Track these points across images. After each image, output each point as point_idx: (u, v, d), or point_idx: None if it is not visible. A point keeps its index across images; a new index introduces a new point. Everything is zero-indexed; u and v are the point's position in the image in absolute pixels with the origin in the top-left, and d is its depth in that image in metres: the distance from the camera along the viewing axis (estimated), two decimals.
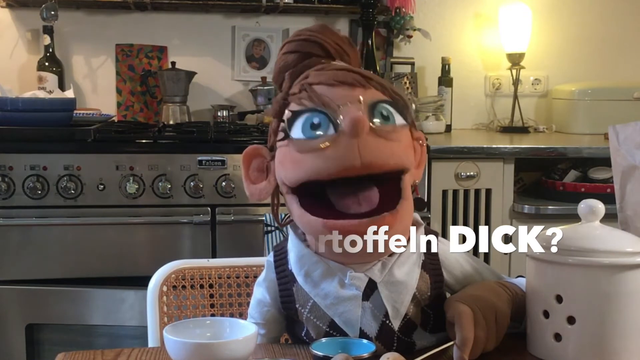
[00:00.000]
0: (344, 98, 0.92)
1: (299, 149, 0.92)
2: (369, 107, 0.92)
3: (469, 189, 2.44)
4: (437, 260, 1.02)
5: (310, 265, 0.98)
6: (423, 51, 3.00)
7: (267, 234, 2.22)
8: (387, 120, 0.93)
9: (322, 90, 0.93)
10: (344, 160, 0.90)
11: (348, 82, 0.93)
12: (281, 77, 1.01)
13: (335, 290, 0.97)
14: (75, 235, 2.21)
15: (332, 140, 0.90)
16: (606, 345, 0.91)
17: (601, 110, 2.84)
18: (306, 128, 0.92)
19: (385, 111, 0.93)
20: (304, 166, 0.92)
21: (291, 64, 0.99)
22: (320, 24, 1.04)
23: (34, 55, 2.79)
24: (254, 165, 1.01)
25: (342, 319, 0.97)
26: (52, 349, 2.24)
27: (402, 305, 0.97)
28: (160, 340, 1.22)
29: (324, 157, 0.90)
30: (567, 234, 0.95)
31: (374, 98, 0.93)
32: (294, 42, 1.00)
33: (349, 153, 0.89)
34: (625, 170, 1.17)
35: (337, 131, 0.90)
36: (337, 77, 0.94)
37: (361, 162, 0.89)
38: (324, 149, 0.90)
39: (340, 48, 1.00)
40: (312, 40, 0.99)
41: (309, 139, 0.91)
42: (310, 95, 0.93)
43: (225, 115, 2.80)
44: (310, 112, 0.92)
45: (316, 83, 0.94)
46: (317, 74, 0.95)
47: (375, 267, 0.97)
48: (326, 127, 0.91)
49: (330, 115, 0.91)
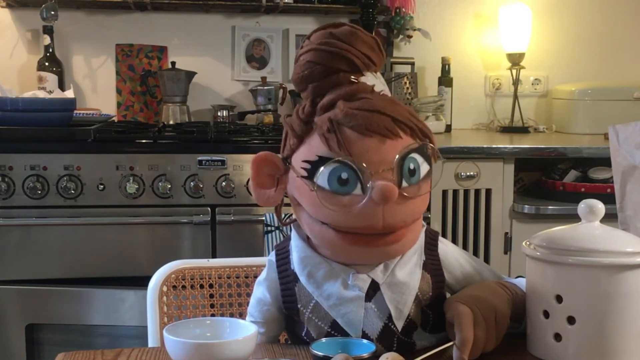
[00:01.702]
0: (375, 155, 0.89)
1: (322, 197, 0.90)
2: (397, 163, 0.90)
3: (469, 189, 2.44)
4: (437, 261, 1.02)
5: (313, 265, 0.98)
6: (423, 51, 3.00)
7: (267, 234, 2.22)
8: (413, 175, 0.91)
9: (353, 137, 0.89)
10: (366, 221, 0.90)
11: (380, 132, 0.90)
12: (303, 86, 0.96)
13: (338, 291, 0.97)
14: (75, 235, 2.22)
15: (357, 201, 0.89)
16: (606, 345, 0.91)
17: (601, 110, 2.84)
18: (332, 180, 0.90)
19: (412, 164, 0.91)
20: (323, 213, 0.91)
21: (316, 77, 0.94)
22: (348, 29, 0.95)
23: (34, 55, 2.80)
24: (264, 171, 0.98)
25: (345, 319, 0.97)
26: (52, 349, 2.24)
27: (405, 306, 0.97)
28: (160, 340, 1.22)
29: (348, 214, 0.90)
30: (567, 234, 0.95)
31: (403, 150, 0.91)
32: (320, 51, 0.94)
33: (372, 217, 0.89)
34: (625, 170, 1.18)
35: (364, 192, 0.89)
36: (370, 125, 0.89)
37: (383, 223, 0.90)
38: (349, 206, 0.89)
39: (368, 59, 0.95)
40: (340, 55, 0.93)
41: (335, 192, 0.90)
42: (339, 143, 0.90)
43: (225, 115, 2.80)
44: (339, 164, 0.89)
45: (347, 126, 0.90)
46: (349, 115, 0.90)
47: (378, 268, 0.97)
48: (354, 184, 0.89)
49: (359, 174, 0.89)
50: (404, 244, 0.95)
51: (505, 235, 2.47)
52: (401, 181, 0.90)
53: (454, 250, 1.05)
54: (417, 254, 1.00)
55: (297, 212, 0.98)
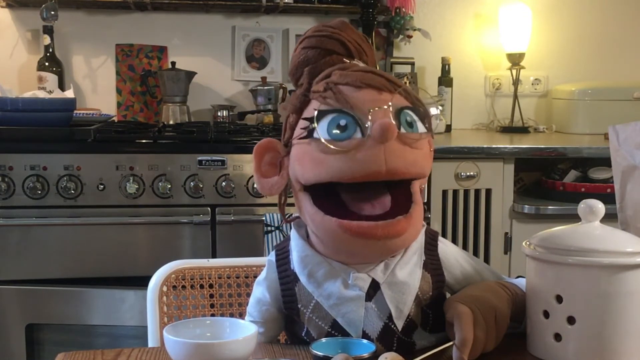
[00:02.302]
0: (372, 102, 0.90)
1: (322, 150, 0.90)
2: (395, 113, 0.91)
3: (469, 189, 2.44)
4: (437, 260, 1.02)
5: (314, 265, 0.98)
6: (423, 51, 3.00)
7: (267, 234, 2.22)
8: (411, 127, 0.92)
9: (349, 91, 0.91)
10: (369, 165, 0.89)
11: (375, 85, 0.92)
12: (299, 72, 0.99)
13: (339, 290, 0.97)
14: (75, 235, 2.22)
15: (359, 144, 0.89)
16: (606, 345, 0.91)
17: (601, 110, 2.84)
18: (332, 129, 0.90)
19: (409, 118, 0.92)
20: (326, 167, 0.91)
21: (311, 59, 0.98)
22: (340, 20, 1.01)
23: (34, 55, 2.80)
24: (266, 159, 0.99)
25: (345, 319, 0.97)
26: (52, 349, 2.24)
27: (406, 305, 0.97)
28: (160, 340, 1.22)
29: (349, 160, 0.89)
30: (567, 234, 0.95)
31: (399, 104, 0.92)
32: (314, 37, 0.99)
33: (375, 158, 0.88)
34: (625, 170, 1.17)
35: (364, 135, 0.89)
36: (365, 79, 0.92)
37: (386, 168, 0.89)
38: (349, 152, 0.89)
39: (360, 47, 0.99)
40: (334, 38, 0.98)
41: (335, 140, 0.90)
42: (337, 96, 0.91)
43: (225, 115, 2.80)
44: (337, 113, 0.90)
45: (342, 83, 0.92)
46: (343, 74, 0.93)
47: (378, 267, 0.97)
48: (353, 129, 0.89)
49: (357, 118, 0.90)
50: (405, 239, 0.94)
51: (505, 235, 2.47)
52: (399, 126, 0.91)
53: (453, 250, 1.05)
54: (417, 253, 1.00)
55: (300, 202, 0.97)
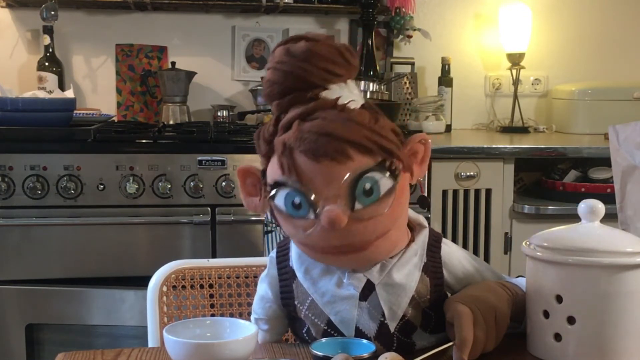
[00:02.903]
0: (324, 180, 0.89)
1: (281, 220, 0.94)
2: (347, 186, 0.89)
3: (469, 189, 2.44)
4: (439, 263, 1.02)
5: (310, 262, 0.99)
6: (423, 51, 3.00)
7: (267, 234, 2.21)
8: (370, 194, 0.90)
9: (303, 162, 0.89)
10: (326, 243, 0.92)
11: (329, 156, 0.88)
12: (268, 102, 0.98)
13: (333, 288, 0.98)
14: (75, 235, 2.21)
15: (312, 225, 0.91)
16: (606, 345, 0.91)
17: (601, 110, 2.84)
18: (288, 204, 0.91)
19: (369, 183, 0.89)
20: (290, 230, 0.95)
21: (276, 95, 0.95)
22: (304, 45, 0.93)
23: (34, 55, 2.80)
24: (248, 181, 1.00)
25: (338, 317, 0.97)
26: (52, 349, 2.24)
27: (399, 307, 0.97)
28: (160, 340, 1.22)
29: (306, 235, 0.92)
30: (567, 234, 0.95)
31: (356, 171, 0.89)
32: (276, 70, 0.94)
33: (328, 240, 0.91)
34: (625, 170, 1.18)
35: (316, 217, 0.90)
36: (318, 150, 0.88)
37: (346, 243, 0.92)
38: (305, 229, 0.91)
39: (329, 73, 0.93)
40: (294, 74, 0.93)
41: (290, 216, 0.92)
42: (290, 168, 0.90)
43: (225, 115, 2.80)
44: (291, 190, 0.91)
45: (298, 150, 0.89)
46: (299, 139, 0.89)
47: (374, 268, 0.97)
48: (306, 210, 0.90)
49: (309, 198, 0.90)
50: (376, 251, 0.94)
51: (505, 235, 2.47)
52: (353, 204, 0.89)
53: (456, 251, 1.05)
54: (418, 255, 0.99)
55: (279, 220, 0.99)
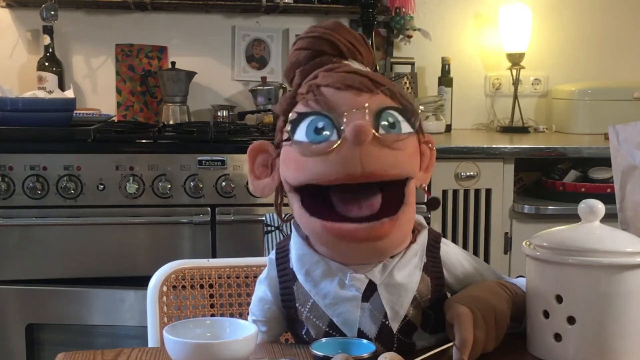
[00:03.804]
0: (350, 103, 0.91)
1: (301, 152, 0.92)
2: (375, 114, 0.91)
3: (469, 189, 2.44)
4: (439, 263, 1.02)
5: (311, 264, 0.99)
6: (423, 51, 3.00)
7: (267, 234, 2.21)
8: (392, 127, 0.91)
9: (329, 93, 0.92)
10: (345, 167, 0.89)
11: (355, 86, 0.92)
12: (292, 74, 1.00)
13: (335, 290, 0.97)
14: (75, 235, 2.22)
15: (334, 146, 0.89)
16: (606, 345, 0.91)
17: (601, 110, 2.84)
18: (310, 131, 0.91)
19: (391, 118, 0.92)
20: (306, 169, 0.92)
21: (302, 61, 0.99)
22: (334, 20, 1.01)
23: (34, 55, 2.80)
24: (259, 161, 1.00)
25: (341, 319, 0.97)
26: (52, 349, 2.24)
27: (402, 307, 0.97)
28: (160, 340, 1.22)
29: (325, 162, 0.90)
30: (567, 234, 0.95)
31: (380, 104, 0.92)
32: (306, 38, 0.99)
33: (350, 161, 0.89)
34: (625, 170, 1.17)
35: (340, 137, 0.89)
36: (345, 80, 0.92)
37: (362, 170, 0.89)
38: (326, 154, 0.89)
39: (353, 47, 0.99)
40: (324, 38, 0.98)
41: (312, 142, 0.91)
42: (316, 98, 0.92)
43: (225, 115, 2.80)
44: (315, 115, 0.91)
45: (324, 85, 0.93)
46: (326, 76, 0.94)
47: (376, 268, 0.97)
48: (330, 131, 0.90)
49: (334, 120, 0.90)
50: (390, 241, 0.94)
51: (505, 235, 2.47)
52: (377, 127, 0.90)
53: (455, 251, 1.05)
54: (418, 255, 0.99)
55: (291, 203, 0.98)
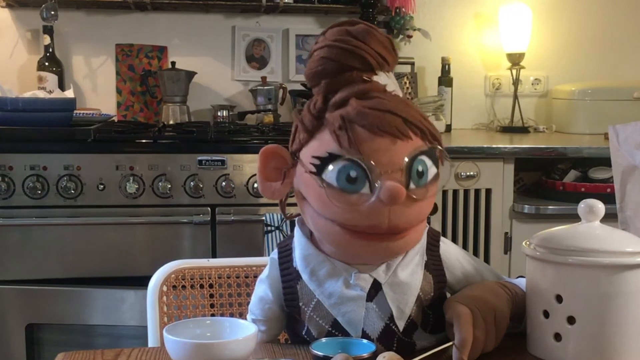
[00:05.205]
0: (385, 158, 0.89)
1: (329, 195, 0.90)
2: (406, 164, 0.89)
3: (469, 189, 2.44)
4: (439, 261, 1.02)
5: (316, 263, 0.98)
6: (423, 51, 3.00)
7: (267, 234, 2.22)
8: (421, 177, 0.91)
9: (364, 136, 0.89)
10: (371, 221, 0.89)
11: (391, 132, 0.89)
12: (315, 81, 0.96)
13: (340, 290, 0.97)
14: (75, 235, 2.21)
15: (365, 200, 0.88)
16: (606, 345, 0.91)
17: (601, 110, 2.84)
18: (341, 178, 0.89)
19: (421, 166, 0.91)
20: (330, 209, 0.91)
21: (330, 73, 0.94)
22: (364, 27, 0.95)
23: (34, 55, 2.80)
24: (271, 164, 0.98)
25: (345, 318, 0.97)
26: (52, 349, 2.24)
27: (407, 306, 0.97)
28: (160, 340, 1.22)
29: (354, 212, 0.89)
30: (567, 234, 0.95)
31: (412, 152, 0.90)
32: (335, 48, 0.93)
33: (378, 217, 0.89)
34: (625, 170, 1.18)
35: (372, 191, 0.88)
36: (381, 125, 0.89)
37: (388, 224, 0.89)
38: (356, 205, 0.89)
39: (382, 59, 0.95)
40: (355, 53, 0.93)
41: (343, 190, 0.89)
42: (350, 141, 0.89)
43: (225, 115, 2.80)
44: (349, 162, 0.89)
45: (358, 124, 0.89)
46: (360, 114, 0.90)
47: (380, 268, 0.97)
48: (362, 183, 0.88)
49: (368, 172, 0.88)
50: (407, 242, 0.94)
51: (505, 235, 2.47)
52: (409, 183, 0.89)
53: (455, 250, 1.05)
54: (419, 254, 1.00)
55: (302, 207, 0.97)
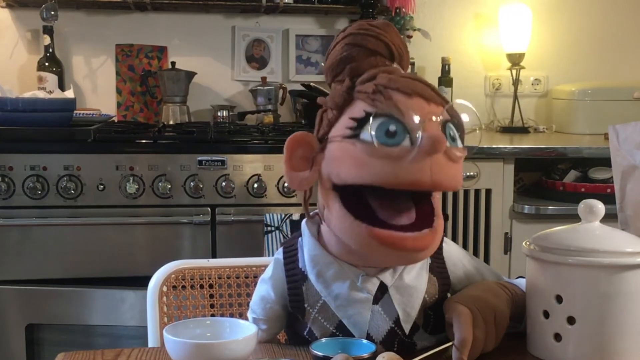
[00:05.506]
0: (423, 111, 0.89)
1: (369, 152, 0.88)
2: (441, 126, 0.90)
3: (469, 189, 2.44)
4: (443, 263, 1.02)
5: (323, 265, 0.98)
6: (423, 51, 3.00)
7: (267, 234, 2.22)
8: (454, 141, 0.92)
9: (398, 97, 0.89)
10: (416, 175, 0.87)
11: (425, 95, 0.90)
12: (339, 68, 0.96)
13: (347, 292, 0.97)
14: (75, 235, 2.21)
15: (407, 152, 0.87)
16: (606, 345, 0.91)
17: (601, 110, 2.84)
18: (380, 133, 0.88)
19: (452, 132, 0.92)
20: (370, 170, 0.89)
21: (355, 57, 0.95)
22: (384, 21, 0.99)
23: (34, 55, 2.80)
24: (298, 153, 0.96)
25: (351, 321, 0.97)
26: (52, 349, 2.24)
27: (413, 309, 0.97)
28: (160, 340, 1.22)
29: (396, 167, 0.87)
30: (567, 234, 0.95)
31: (445, 117, 0.91)
32: (360, 34, 0.96)
33: (422, 169, 0.87)
34: (625, 170, 1.17)
35: (413, 144, 0.87)
36: (415, 87, 0.90)
37: (432, 180, 0.88)
38: (397, 159, 0.87)
39: (402, 51, 0.97)
40: (380, 39, 0.95)
41: (383, 144, 0.88)
42: (387, 100, 0.89)
43: (225, 115, 2.80)
44: (387, 118, 0.89)
45: (392, 88, 0.90)
46: (393, 79, 0.91)
47: (387, 271, 0.97)
48: (402, 137, 0.88)
49: (408, 126, 0.88)
50: (429, 251, 0.93)
51: (505, 235, 2.47)
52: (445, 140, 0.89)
53: (456, 250, 1.05)
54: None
55: (328, 200, 0.95)
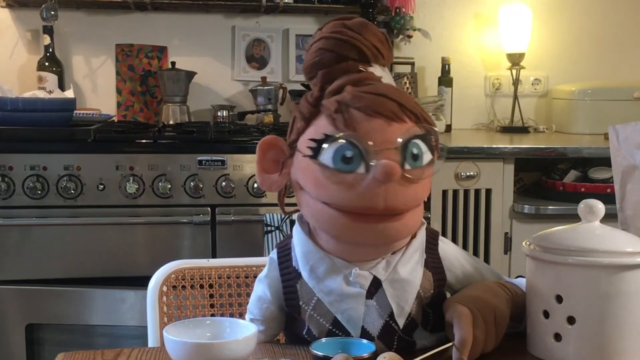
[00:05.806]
0: (380, 137, 0.89)
1: (325, 175, 0.91)
2: (401, 146, 0.90)
3: (469, 189, 2.44)
4: (438, 259, 1.02)
5: (315, 260, 0.98)
6: (423, 51, 3.00)
7: (267, 234, 2.22)
8: (416, 159, 0.91)
9: (359, 118, 0.90)
10: (368, 202, 0.89)
11: (386, 114, 0.91)
12: (313, 73, 0.98)
13: (340, 287, 0.97)
14: (75, 235, 2.22)
15: (360, 180, 0.89)
16: (606, 345, 0.91)
17: (601, 110, 2.84)
18: (337, 158, 0.89)
19: (416, 149, 0.91)
20: (327, 191, 0.91)
21: (326, 63, 0.96)
22: (360, 20, 0.99)
23: (34, 55, 2.80)
24: (269, 155, 0.98)
25: (345, 316, 0.97)
26: (52, 349, 2.24)
27: (407, 303, 0.97)
28: (160, 340, 1.22)
29: (349, 193, 0.89)
30: (567, 234, 0.95)
31: (407, 134, 0.91)
32: (331, 39, 0.96)
33: (374, 197, 0.89)
34: (625, 170, 1.18)
35: (367, 171, 0.89)
36: (376, 107, 0.90)
37: (384, 205, 0.89)
38: (351, 186, 0.89)
39: (377, 51, 0.98)
40: (351, 44, 0.96)
41: (338, 170, 0.90)
42: (346, 122, 0.90)
43: (225, 115, 2.80)
44: (345, 142, 0.90)
45: (354, 107, 0.91)
46: (356, 97, 0.91)
47: (380, 265, 0.97)
48: (357, 163, 0.89)
49: (363, 152, 0.89)
50: (405, 224, 0.94)
51: (505, 235, 2.47)
52: (404, 163, 0.90)
53: (453, 249, 1.05)
54: (419, 252, 1.00)
55: (299, 197, 0.98)
